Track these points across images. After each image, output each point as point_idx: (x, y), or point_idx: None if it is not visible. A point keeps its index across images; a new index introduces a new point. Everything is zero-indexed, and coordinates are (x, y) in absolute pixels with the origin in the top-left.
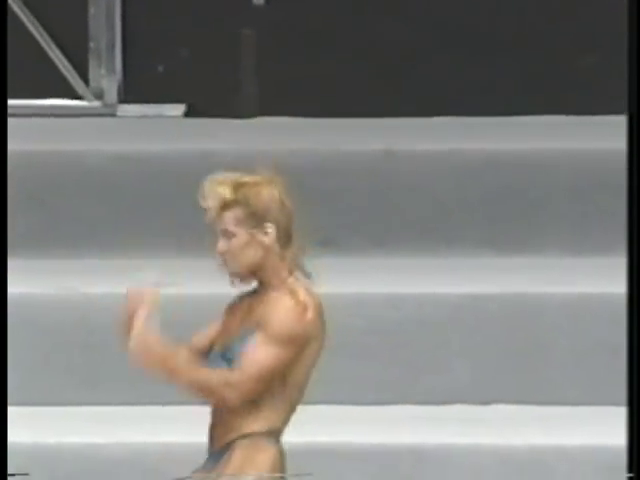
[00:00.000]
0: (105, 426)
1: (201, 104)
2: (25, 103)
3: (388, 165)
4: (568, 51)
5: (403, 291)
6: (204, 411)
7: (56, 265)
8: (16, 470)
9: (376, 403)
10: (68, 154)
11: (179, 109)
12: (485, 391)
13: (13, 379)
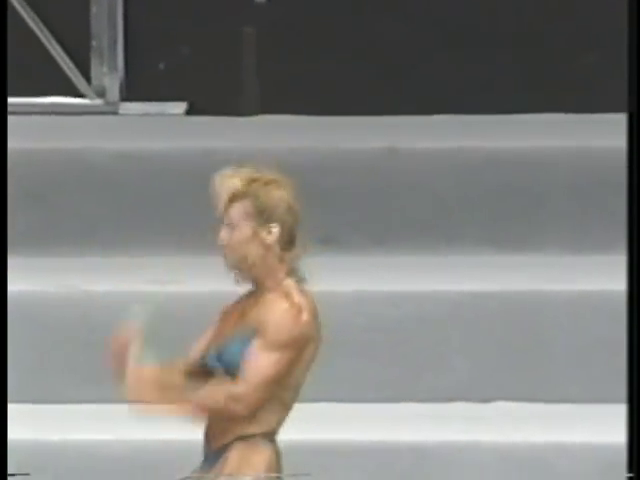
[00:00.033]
0: (107, 423)
1: (202, 102)
2: (27, 101)
3: (388, 163)
4: (568, 49)
5: (403, 289)
6: None
7: (57, 263)
8: (18, 467)
9: (377, 401)
10: (70, 152)
11: (181, 107)
12: (486, 388)
13: (14, 377)
